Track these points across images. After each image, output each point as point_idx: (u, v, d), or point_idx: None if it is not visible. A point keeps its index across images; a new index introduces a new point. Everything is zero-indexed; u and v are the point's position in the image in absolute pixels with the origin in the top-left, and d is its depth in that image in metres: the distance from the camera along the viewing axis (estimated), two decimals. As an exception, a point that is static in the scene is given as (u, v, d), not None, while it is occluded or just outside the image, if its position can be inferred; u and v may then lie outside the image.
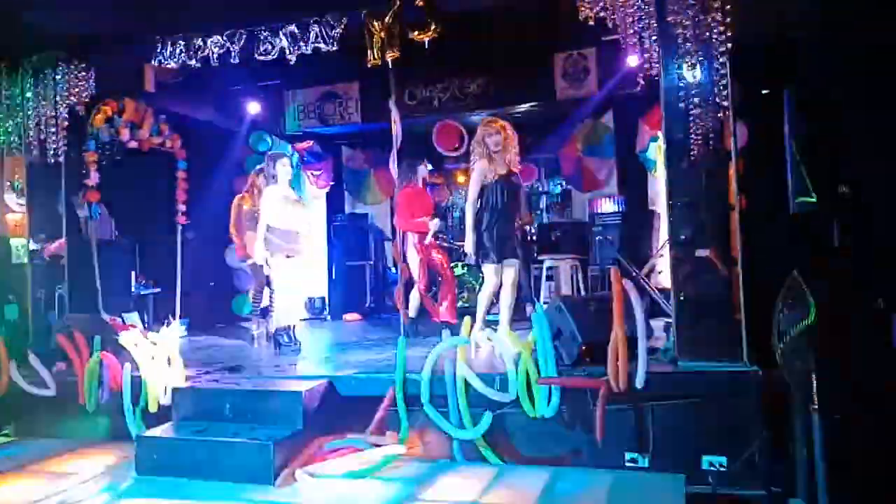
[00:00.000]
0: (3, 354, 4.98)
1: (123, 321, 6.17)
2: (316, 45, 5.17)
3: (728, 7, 3.96)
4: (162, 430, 4.19)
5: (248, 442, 3.84)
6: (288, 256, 5.61)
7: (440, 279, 6.15)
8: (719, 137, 4.04)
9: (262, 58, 5.26)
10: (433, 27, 4.99)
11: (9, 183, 6.01)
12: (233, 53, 5.30)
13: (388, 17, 5.07)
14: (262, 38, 5.23)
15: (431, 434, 4.05)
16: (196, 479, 3.80)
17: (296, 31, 5.22)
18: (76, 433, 4.76)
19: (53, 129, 5.85)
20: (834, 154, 3.54)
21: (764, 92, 4.69)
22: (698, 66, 4.05)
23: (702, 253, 4.00)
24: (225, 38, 5.30)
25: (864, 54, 4.07)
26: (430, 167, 9.66)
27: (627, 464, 3.71)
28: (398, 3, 5.01)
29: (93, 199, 7.20)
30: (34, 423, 4.90)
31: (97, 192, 7.21)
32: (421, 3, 4.96)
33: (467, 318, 4.17)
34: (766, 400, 3.48)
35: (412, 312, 5.96)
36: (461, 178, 9.55)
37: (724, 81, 3.99)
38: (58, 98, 5.86)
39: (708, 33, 4.02)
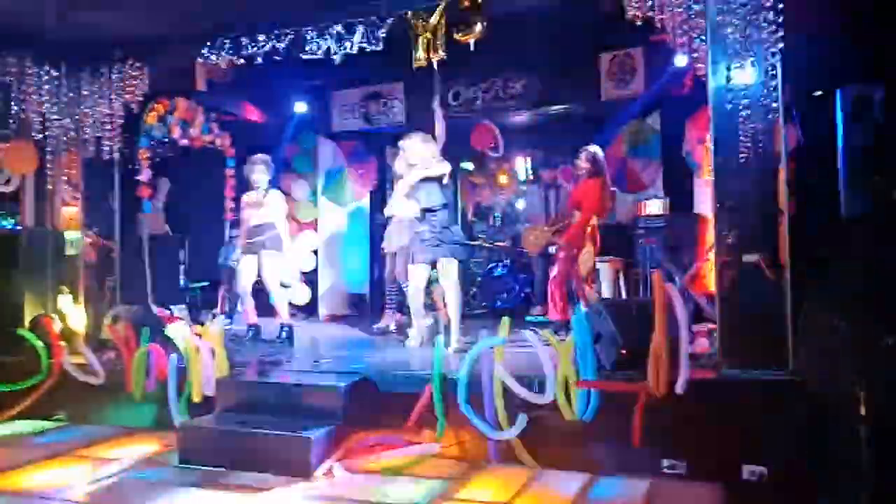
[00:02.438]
0: (56, 343, 5.17)
1: (171, 313, 6.34)
2: (361, 45, 5.22)
3: (780, 6, 3.86)
4: (205, 420, 4.29)
5: (288, 435, 3.90)
6: (252, 253, 5.92)
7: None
8: (769, 139, 3.93)
9: (307, 57, 5.34)
10: (478, 28, 5.00)
11: (65, 178, 6.22)
12: (279, 52, 5.39)
13: (433, 18, 5.09)
14: (307, 37, 5.30)
15: (467, 433, 4.05)
16: (236, 469, 3.88)
17: (341, 31, 5.28)
18: (123, 420, 4.91)
19: (108, 127, 6.04)
20: (888, 156, 3.42)
21: (815, 93, 4.55)
22: (748, 67, 3.95)
23: (750, 258, 3.90)
24: (272, 37, 5.39)
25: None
26: (472, 167, 9.73)
27: (665, 470, 3.65)
28: (443, 3, 5.04)
29: (144, 194, 7.43)
30: (84, 410, 5.07)
31: (149, 188, 7.44)
32: (466, 4, 4.97)
33: (505, 319, 4.15)
34: (810, 409, 3.37)
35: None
36: (503, 179, 9.53)
37: (774, 82, 3.89)
38: (113, 96, 6.04)
39: (758, 33, 3.93)
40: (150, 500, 3.48)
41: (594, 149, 5.99)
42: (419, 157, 5.47)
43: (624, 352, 3.96)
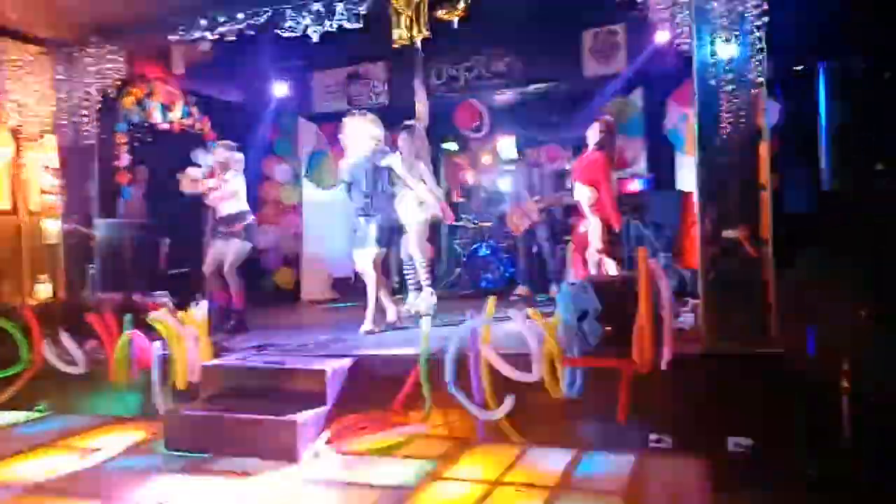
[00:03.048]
0: (36, 332, 5.10)
1: (153, 300, 6.27)
2: (340, 22, 5.14)
3: (763, -20, 3.84)
4: (190, 407, 4.26)
5: (274, 419, 3.88)
6: (223, 239, 6.01)
7: None
8: (751, 115, 3.94)
9: (285, 34, 5.25)
10: (461, 6, 4.95)
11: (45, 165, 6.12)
12: (257, 31, 5.31)
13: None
14: (286, 15, 5.22)
15: (455, 413, 4.05)
16: (224, 455, 3.86)
17: (321, 8, 5.20)
18: (107, 409, 4.86)
19: (85, 112, 5.93)
20: (871, 131, 3.42)
21: (797, 68, 4.55)
22: (731, 42, 3.94)
23: (730, 233, 3.92)
24: (250, 16, 5.30)
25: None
26: (455, 147, 9.68)
27: (651, 445, 3.68)
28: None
29: (123, 180, 7.32)
30: (66, 400, 5.01)
31: (127, 173, 7.33)
32: (448, -18, 4.91)
33: (491, 298, 4.15)
34: (793, 381, 3.40)
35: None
36: (487, 158, 9.50)
37: (758, 57, 3.89)
38: (89, 80, 5.93)
39: (742, 7, 3.91)
40: (137, 489, 3.45)
41: (610, 119, 5.89)
42: (355, 137, 5.42)
43: (609, 328, 3.97)
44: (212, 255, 6.07)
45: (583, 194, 5.58)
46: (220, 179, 6.04)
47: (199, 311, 4.77)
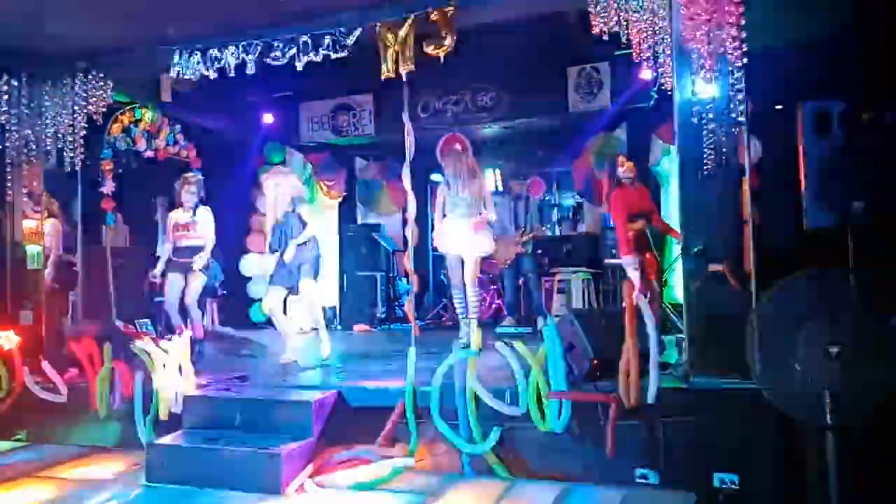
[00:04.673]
0: (17, 360, 5.02)
1: (136, 328, 6.21)
2: (326, 52, 5.21)
3: (743, 22, 3.95)
4: (172, 438, 4.20)
5: (258, 451, 3.84)
6: (179, 272, 5.86)
7: None
8: (733, 152, 4.02)
9: (273, 62, 5.30)
10: (448, 41, 5.02)
11: (25, 190, 6.08)
12: (248, 64, 5.35)
13: (402, 31, 5.10)
14: (276, 47, 5.27)
15: (441, 447, 4.03)
16: (205, 488, 3.80)
17: (308, 41, 5.26)
18: (87, 439, 4.78)
19: (71, 139, 5.91)
20: (850, 169, 3.50)
21: (777, 107, 4.66)
22: (713, 81, 4.03)
23: (714, 267, 3.98)
24: (241, 48, 5.35)
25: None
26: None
27: (638, 480, 3.67)
28: (413, 16, 5.05)
29: (108, 207, 7.29)
30: (46, 429, 4.92)
31: (112, 200, 7.31)
32: (436, 18, 4.99)
33: (478, 331, 4.16)
34: (778, 416, 3.43)
35: None
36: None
37: (739, 96, 3.97)
38: (76, 107, 5.92)
39: (723, 48, 4.01)
40: (116, 522, 3.40)
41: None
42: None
43: (595, 362, 3.99)
44: (173, 288, 5.89)
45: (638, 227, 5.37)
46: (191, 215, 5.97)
47: (183, 340, 4.73)
